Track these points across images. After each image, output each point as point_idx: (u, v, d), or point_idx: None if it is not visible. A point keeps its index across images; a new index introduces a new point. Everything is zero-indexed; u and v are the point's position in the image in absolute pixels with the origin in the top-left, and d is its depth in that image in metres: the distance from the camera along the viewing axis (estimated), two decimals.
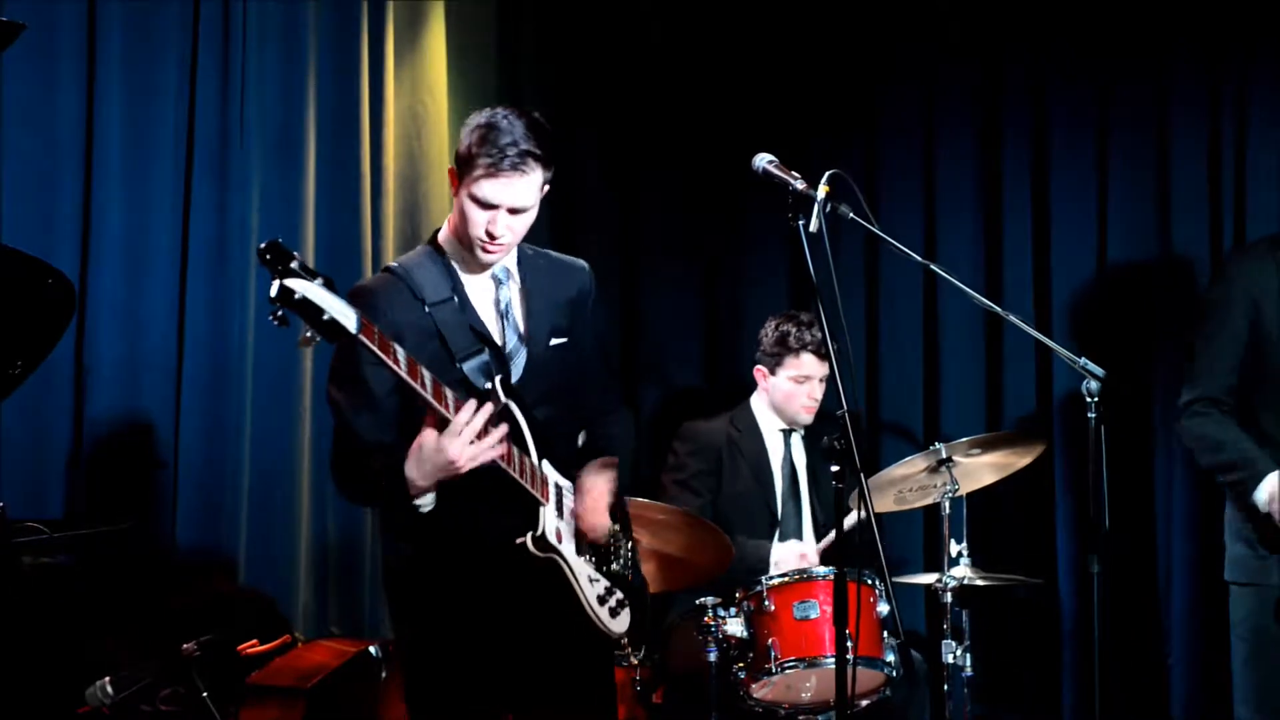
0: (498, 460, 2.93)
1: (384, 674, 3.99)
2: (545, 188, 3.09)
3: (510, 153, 2.98)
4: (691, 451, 4.86)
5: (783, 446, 4.92)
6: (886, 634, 4.20)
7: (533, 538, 3.02)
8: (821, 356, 4.79)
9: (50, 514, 3.97)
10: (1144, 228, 5.38)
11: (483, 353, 3.04)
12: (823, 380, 4.84)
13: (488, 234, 3.03)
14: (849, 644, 3.06)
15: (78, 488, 4.13)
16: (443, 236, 3.17)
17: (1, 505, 3.46)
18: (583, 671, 3.21)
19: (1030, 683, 5.45)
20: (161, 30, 4.31)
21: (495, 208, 3.02)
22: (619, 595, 3.19)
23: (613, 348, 5.65)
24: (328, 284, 2.63)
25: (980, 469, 4.62)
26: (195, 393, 4.31)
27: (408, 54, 5.02)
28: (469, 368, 3.01)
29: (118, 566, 3.93)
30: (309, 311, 2.60)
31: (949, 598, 4.38)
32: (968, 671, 4.41)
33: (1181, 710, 5.23)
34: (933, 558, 5.26)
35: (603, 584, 3.16)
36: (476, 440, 2.87)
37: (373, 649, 4.02)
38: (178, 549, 4.25)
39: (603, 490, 3.18)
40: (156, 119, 4.29)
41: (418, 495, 2.92)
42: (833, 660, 3.81)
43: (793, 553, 4.67)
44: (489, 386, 3.00)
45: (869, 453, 5.46)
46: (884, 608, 4.19)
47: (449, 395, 2.88)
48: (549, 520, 3.06)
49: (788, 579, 4.25)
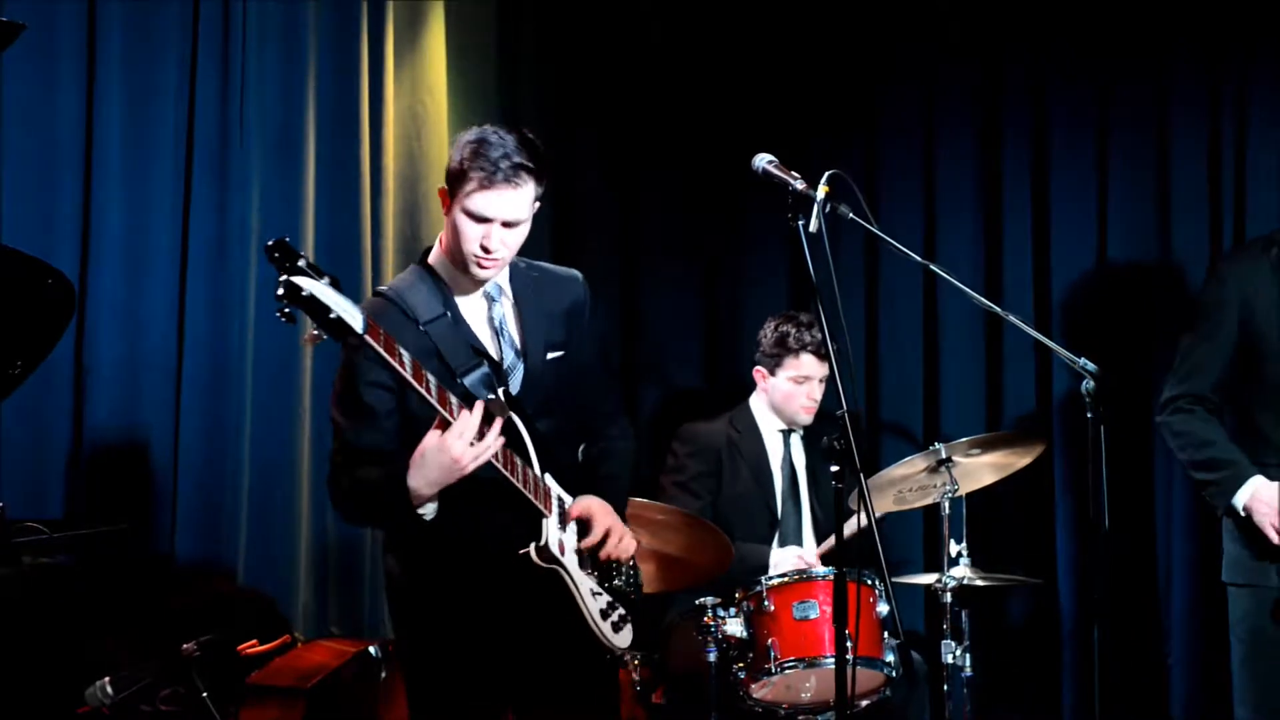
0: (495, 463, 2.92)
1: (384, 674, 3.99)
2: (537, 203, 3.09)
3: (503, 165, 2.98)
4: (691, 453, 4.86)
5: (782, 447, 4.92)
6: (886, 634, 4.20)
7: (536, 548, 3.02)
8: (821, 357, 4.79)
9: (50, 514, 3.97)
10: (1144, 228, 5.37)
11: (482, 365, 3.04)
12: (822, 381, 4.83)
13: (482, 249, 3.03)
14: (849, 644, 3.07)
15: (78, 488, 4.13)
16: (433, 257, 3.16)
17: (1, 505, 3.46)
18: (585, 673, 3.21)
19: (1030, 683, 5.45)
20: (161, 30, 4.31)
21: (489, 221, 3.01)
22: (621, 611, 3.19)
23: (613, 351, 5.65)
24: (334, 283, 2.64)
25: (980, 469, 4.62)
26: (195, 393, 4.31)
27: (407, 54, 5.02)
28: (470, 381, 3.00)
29: (118, 566, 3.93)
30: (315, 309, 2.61)
31: (949, 598, 4.37)
32: (967, 671, 4.40)
33: (1181, 710, 5.22)
34: (932, 558, 5.26)
35: (605, 599, 3.16)
36: (477, 441, 2.87)
37: (372, 649, 4.01)
38: (177, 549, 4.25)
39: (606, 517, 3.16)
40: (156, 119, 4.29)
41: (420, 504, 2.92)
42: (832, 660, 3.81)
43: (791, 558, 4.68)
44: (491, 398, 3.00)
45: (869, 453, 5.46)
46: (884, 608, 4.20)
47: (452, 400, 2.88)
48: (552, 532, 3.05)
49: (787, 579, 4.25)
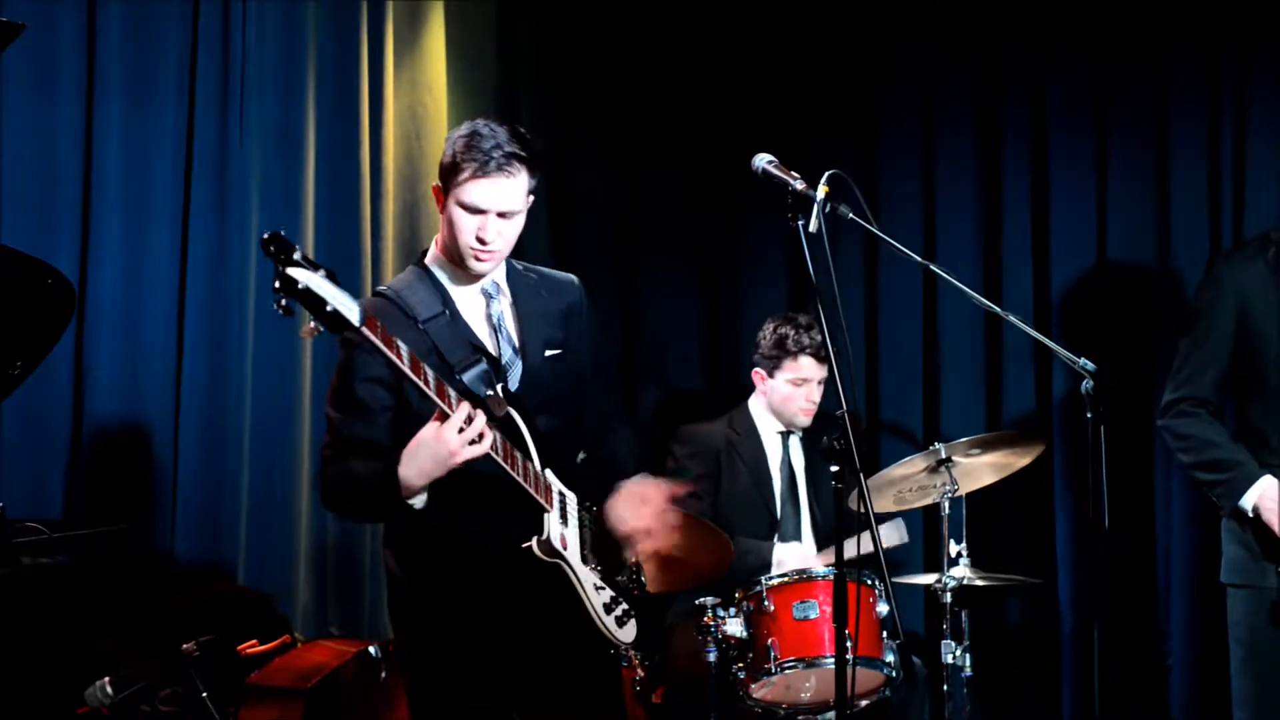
0: (495, 456, 2.92)
1: (384, 674, 3.98)
2: (531, 197, 3.10)
3: (495, 155, 3.02)
4: (690, 454, 4.86)
5: (781, 448, 4.92)
6: (886, 634, 4.20)
7: (538, 542, 3.02)
8: (819, 359, 4.78)
9: (50, 514, 3.97)
10: (1143, 227, 5.37)
11: (481, 362, 3.04)
12: (821, 383, 4.83)
13: (478, 240, 3.04)
14: (848, 644, 3.07)
15: (78, 488, 4.12)
16: (430, 257, 3.18)
17: (1, 505, 3.45)
18: (589, 669, 3.20)
19: (1030, 683, 5.45)
20: (161, 30, 4.30)
21: (484, 212, 3.04)
22: (625, 606, 3.18)
23: (611, 355, 5.64)
24: (330, 276, 2.65)
25: (980, 469, 4.62)
26: (195, 393, 4.31)
27: (407, 54, 5.02)
28: (469, 378, 3.00)
29: (117, 566, 3.94)
30: (312, 302, 2.61)
31: (948, 598, 4.38)
32: (967, 672, 4.41)
33: (1181, 710, 5.22)
34: (932, 558, 5.26)
35: (608, 593, 3.16)
36: (473, 434, 2.87)
37: (372, 649, 4.01)
38: (177, 549, 4.25)
39: (653, 492, 3.20)
40: (156, 119, 4.29)
41: (410, 495, 2.92)
42: (832, 660, 3.81)
43: (794, 554, 4.67)
44: (490, 394, 3.00)
45: (868, 453, 5.46)
46: (883, 608, 4.20)
47: (450, 393, 2.89)
48: (553, 526, 3.05)
49: (787, 579, 4.25)
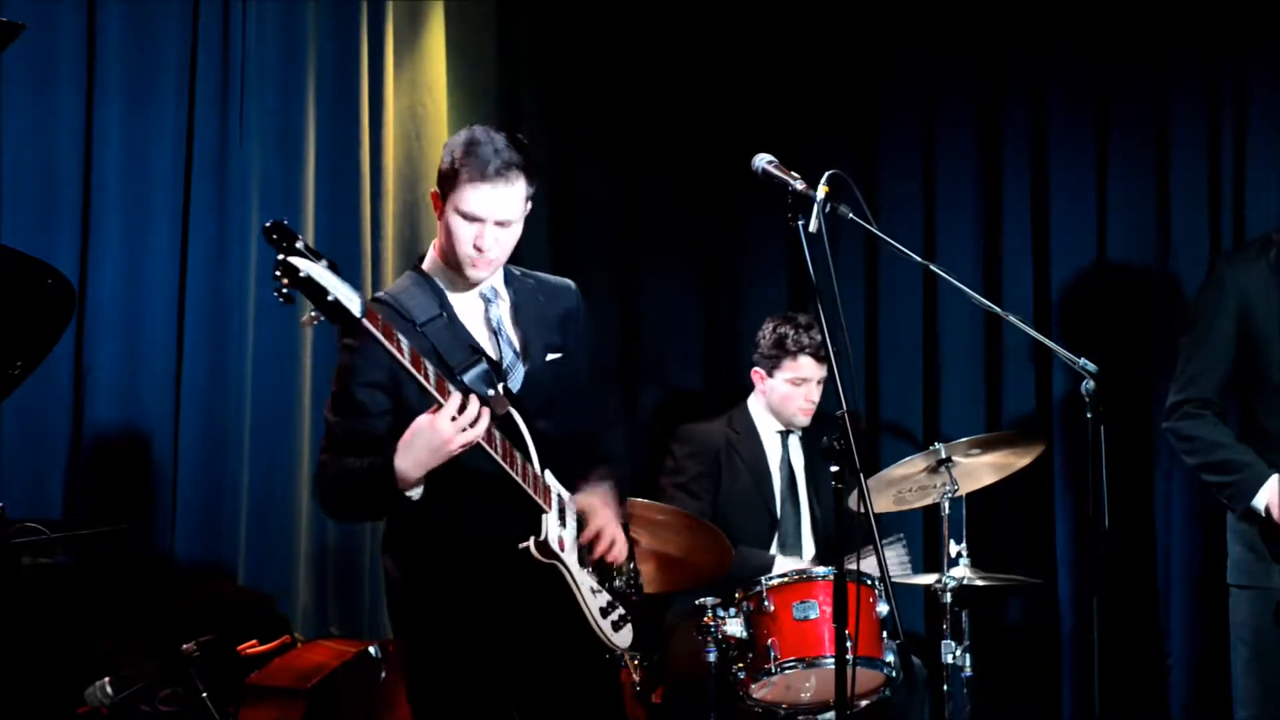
0: (494, 455, 2.92)
1: (383, 674, 3.98)
2: (529, 205, 3.10)
3: (493, 162, 3.01)
4: (690, 454, 4.86)
5: (780, 448, 4.92)
6: (886, 634, 4.20)
7: (535, 543, 3.02)
8: (819, 359, 4.78)
9: (50, 514, 3.97)
10: (1143, 227, 5.37)
11: (481, 363, 3.04)
12: (820, 383, 4.83)
13: (476, 248, 3.04)
14: (848, 644, 3.07)
15: (78, 488, 4.12)
16: (427, 263, 3.18)
17: (1, 505, 3.45)
18: (587, 671, 3.20)
19: (1030, 683, 5.45)
20: (161, 30, 4.30)
21: (481, 220, 3.03)
22: (621, 610, 3.18)
23: (611, 355, 5.64)
24: (332, 267, 2.65)
25: (980, 469, 4.62)
26: (195, 393, 4.30)
27: (407, 54, 5.02)
28: (470, 378, 3.00)
29: (117, 566, 3.93)
30: (313, 290, 2.61)
31: (948, 598, 4.38)
32: (967, 672, 4.40)
33: (1181, 710, 5.22)
34: (932, 558, 5.25)
35: (605, 597, 3.16)
36: (467, 424, 2.86)
37: (372, 649, 4.01)
38: (177, 549, 4.25)
39: (604, 515, 3.16)
40: (156, 119, 4.29)
41: (407, 487, 2.91)
42: (832, 660, 3.81)
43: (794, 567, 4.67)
44: (492, 393, 3.00)
45: (868, 453, 5.46)
46: (883, 608, 4.20)
47: (450, 389, 2.89)
48: (552, 528, 3.05)
49: (787, 579, 4.25)
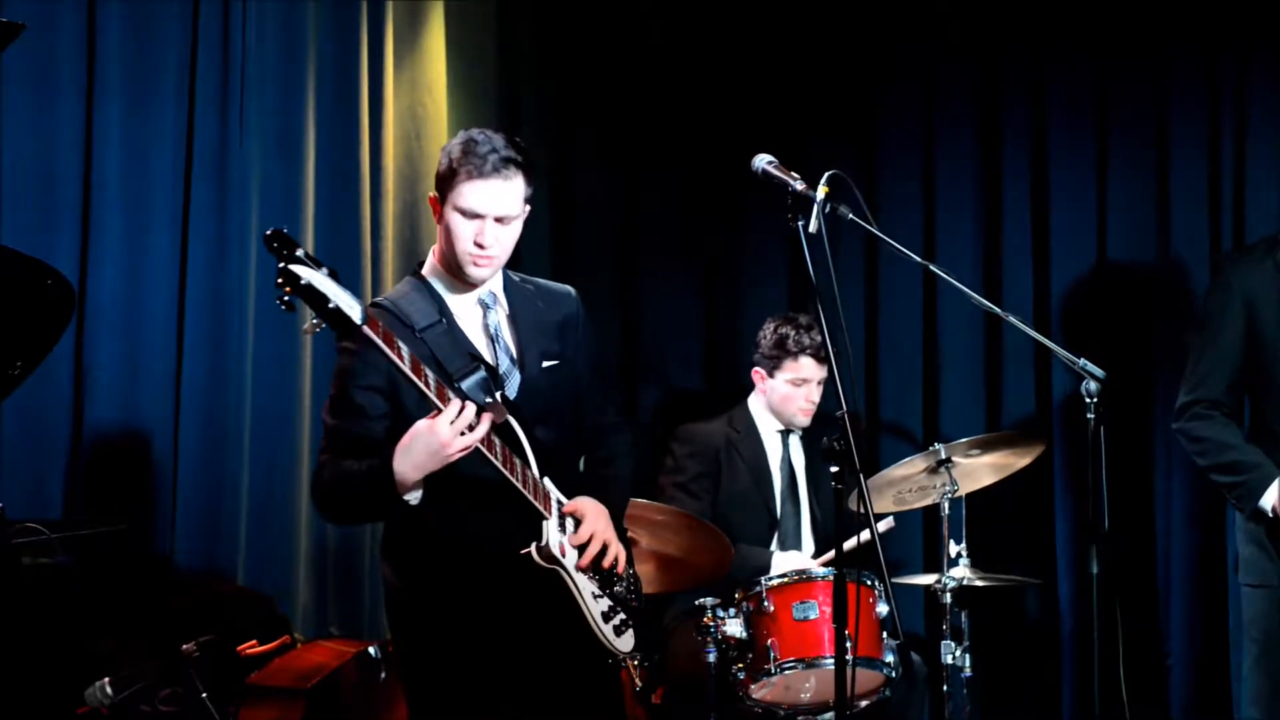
0: (494, 461, 2.93)
1: (383, 674, 3.99)
2: (528, 206, 3.12)
3: (492, 158, 3.04)
4: (690, 454, 4.85)
5: (781, 448, 4.92)
6: (886, 635, 4.20)
7: (537, 548, 3.02)
8: (820, 359, 4.78)
9: (50, 514, 3.97)
10: (1143, 228, 5.37)
11: (479, 370, 3.04)
12: (820, 383, 4.83)
13: (477, 245, 3.06)
14: (848, 645, 3.07)
15: (77, 488, 4.12)
16: (426, 268, 3.20)
17: (1, 505, 3.46)
18: (587, 676, 3.20)
19: (1030, 683, 5.45)
20: (161, 30, 4.30)
21: (481, 217, 3.05)
22: (623, 615, 3.18)
23: (611, 355, 5.64)
24: (333, 275, 2.66)
25: (979, 469, 4.62)
26: (195, 393, 4.30)
27: (407, 54, 5.02)
28: (468, 385, 3.00)
29: (117, 566, 3.93)
30: (314, 298, 2.62)
31: (948, 598, 4.38)
32: (967, 672, 4.41)
33: (1181, 710, 5.23)
34: (932, 558, 5.26)
35: (606, 602, 3.16)
36: (466, 429, 2.87)
37: (372, 649, 4.01)
38: (177, 549, 4.25)
39: (595, 518, 3.14)
40: (156, 119, 4.29)
41: (405, 490, 2.91)
42: (832, 661, 3.81)
43: (793, 563, 4.67)
44: (490, 400, 3.00)
45: (868, 453, 5.46)
46: (883, 608, 4.20)
47: (450, 395, 2.89)
48: (552, 533, 3.05)
49: (787, 580, 4.25)
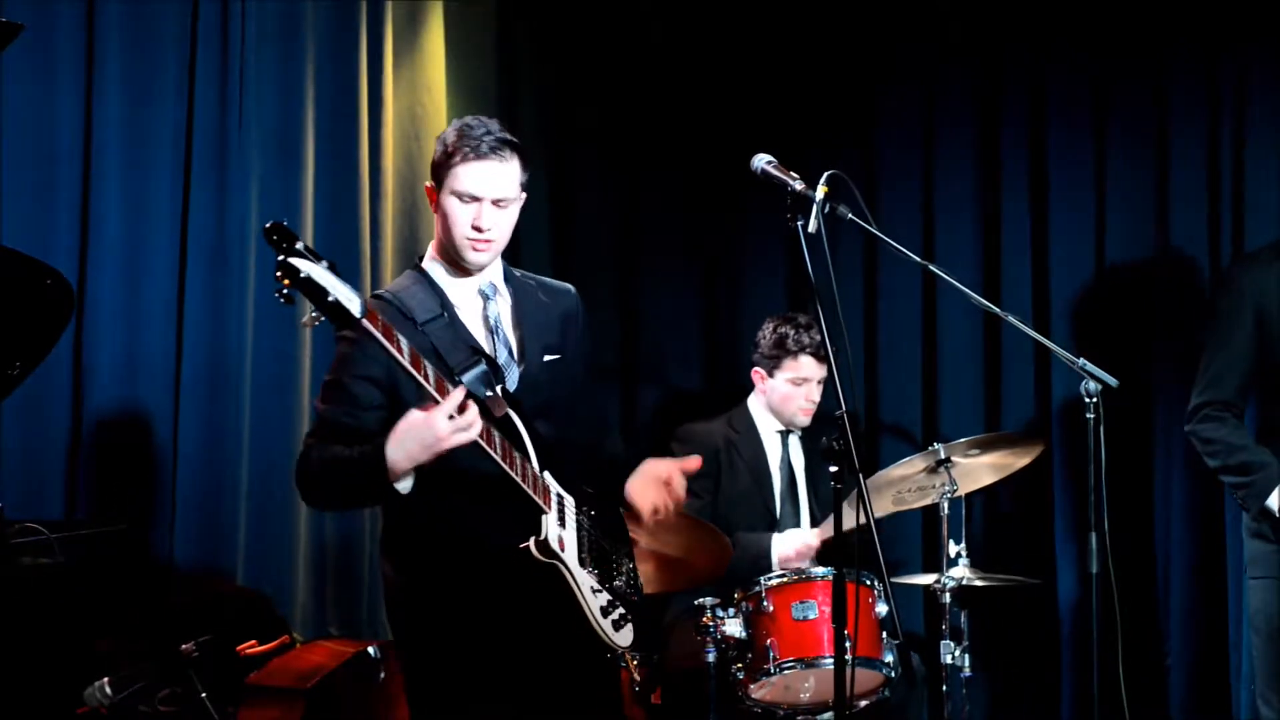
0: (493, 455, 2.92)
1: (382, 674, 3.98)
2: (524, 193, 3.13)
3: (487, 140, 3.06)
4: (689, 453, 4.84)
5: (780, 448, 4.92)
6: (885, 635, 4.20)
7: (535, 542, 3.02)
8: (820, 359, 4.78)
9: (49, 514, 3.97)
10: (1143, 228, 5.38)
11: (480, 364, 3.05)
12: (820, 383, 4.83)
13: (475, 228, 3.07)
14: (847, 644, 3.07)
15: (77, 488, 4.13)
16: (426, 260, 3.21)
17: (0, 505, 3.46)
18: (587, 672, 3.20)
19: (1030, 683, 5.45)
20: (160, 30, 4.30)
21: (478, 200, 3.06)
22: (622, 610, 3.18)
23: (611, 355, 5.65)
24: (332, 268, 2.66)
25: (979, 469, 4.61)
26: (194, 393, 4.30)
27: (406, 54, 5.02)
28: (468, 379, 2.99)
29: (116, 567, 3.93)
30: (313, 291, 2.62)
31: (947, 598, 4.38)
32: (966, 672, 4.41)
33: (1181, 710, 5.23)
34: (931, 558, 5.26)
35: (605, 596, 3.15)
36: (461, 420, 2.85)
37: (371, 650, 4.01)
38: (176, 550, 4.25)
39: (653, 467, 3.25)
40: (155, 119, 4.29)
41: (395, 479, 2.90)
42: (831, 661, 3.81)
43: (794, 543, 4.66)
44: (490, 395, 3.00)
45: (868, 453, 5.46)
46: (882, 608, 4.20)
47: (449, 388, 2.89)
48: (551, 528, 3.05)
49: (786, 579, 4.25)
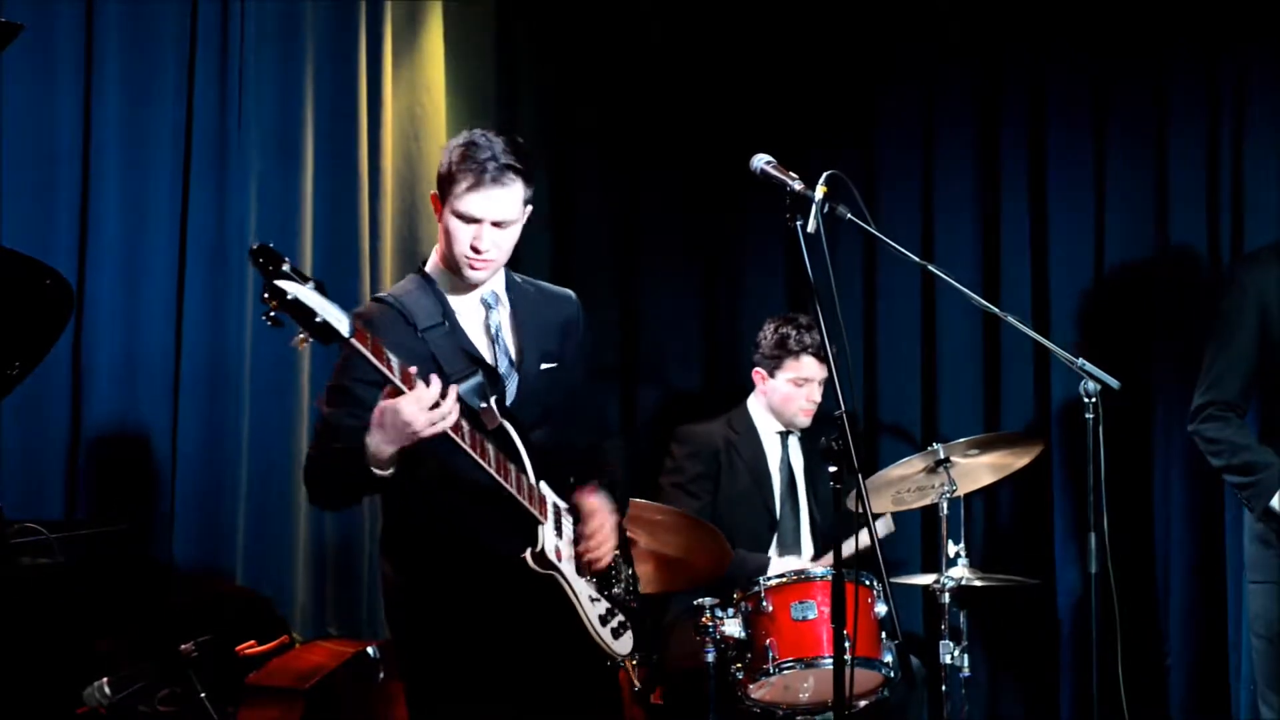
0: (487, 467, 2.92)
1: (382, 675, 3.99)
2: (528, 208, 3.13)
3: (490, 166, 3.06)
4: (689, 454, 4.86)
5: (780, 449, 4.92)
6: (884, 635, 4.20)
7: (532, 554, 3.02)
8: (821, 359, 4.78)
9: (49, 514, 3.97)
10: (1142, 228, 5.37)
11: (477, 374, 3.05)
12: (821, 383, 4.83)
13: (473, 249, 3.07)
14: (847, 645, 3.07)
15: (76, 488, 4.12)
16: (430, 265, 3.21)
17: None
18: (586, 678, 3.20)
19: (1030, 683, 5.45)
20: (160, 31, 4.30)
21: (479, 222, 3.07)
22: (620, 618, 3.19)
23: (611, 355, 5.64)
24: (319, 288, 2.66)
25: (978, 469, 4.62)
26: (193, 394, 4.30)
27: (406, 54, 5.02)
28: (464, 389, 2.99)
29: (116, 567, 3.93)
30: (301, 313, 2.62)
31: (947, 598, 4.38)
32: (966, 672, 4.41)
33: (1181, 710, 5.23)
34: (931, 558, 5.26)
35: (604, 605, 3.16)
36: (434, 411, 2.84)
37: (370, 650, 4.01)
38: (176, 550, 4.24)
39: (605, 516, 3.18)
40: (154, 120, 4.28)
41: (377, 465, 2.89)
42: (830, 661, 3.81)
43: (792, 567, 4.66)
44: (484, 406, 3.01)
45: (867, 453, 5.46)
46: (882, 608, 4.20)
47: (424, 385, 2.88)
48: (548, 538, 3.05)
49: (785, 580, 4.25)
